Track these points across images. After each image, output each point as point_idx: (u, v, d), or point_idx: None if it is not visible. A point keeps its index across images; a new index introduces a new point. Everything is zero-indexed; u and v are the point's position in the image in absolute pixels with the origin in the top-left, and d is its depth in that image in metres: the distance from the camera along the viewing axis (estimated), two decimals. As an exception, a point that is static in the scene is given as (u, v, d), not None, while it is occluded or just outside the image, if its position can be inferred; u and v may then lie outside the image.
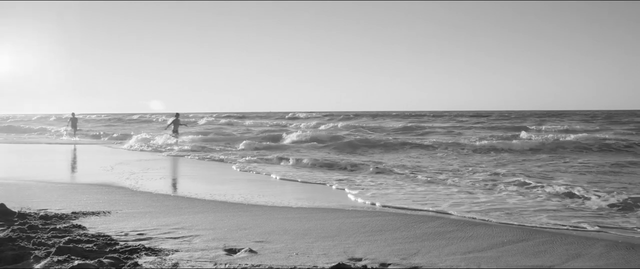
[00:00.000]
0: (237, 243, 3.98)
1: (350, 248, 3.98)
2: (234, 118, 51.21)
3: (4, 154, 15.03)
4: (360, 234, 4.50)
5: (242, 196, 6.72)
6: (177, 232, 4.36)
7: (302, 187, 8.08)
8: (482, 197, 6.71)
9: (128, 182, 8.01)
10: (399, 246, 4.10)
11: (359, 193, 7.08)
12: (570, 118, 41.24)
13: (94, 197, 6.22)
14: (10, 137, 26.10)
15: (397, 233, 4.62)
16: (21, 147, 18.54)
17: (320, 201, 6.49)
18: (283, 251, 3.81)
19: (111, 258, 3.33)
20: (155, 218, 5.00)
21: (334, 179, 8.63)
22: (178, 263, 3.30)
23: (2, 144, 20.60)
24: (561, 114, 56.85)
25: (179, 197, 6.54)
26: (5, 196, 6.08)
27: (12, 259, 3.27)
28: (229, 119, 47.30)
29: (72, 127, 24.29)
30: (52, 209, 5.29)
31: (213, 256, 3.55)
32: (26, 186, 7.18)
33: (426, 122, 35.26)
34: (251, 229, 4.58)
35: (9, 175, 8.72)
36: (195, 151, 15.41)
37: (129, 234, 4.23)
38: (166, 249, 3.70)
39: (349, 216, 5.36)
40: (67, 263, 3.16)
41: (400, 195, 6.98)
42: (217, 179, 9.25)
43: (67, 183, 7.72)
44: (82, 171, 10.20)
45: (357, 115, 54.40)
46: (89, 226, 4.49)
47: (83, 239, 3.85)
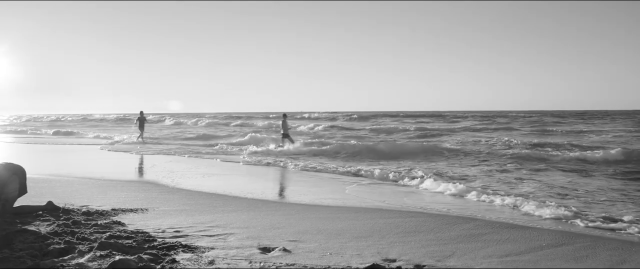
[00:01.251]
0: (271, 242, 4.01)
1: (384, 249, 3.96)
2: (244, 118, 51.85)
3: (53, 153, 15.63)
4: (393, 235, 4.47)
5: (276, 195, 6.78)
6: (212, 230, 4.44)
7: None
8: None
9: (164, 180, 8.21)
10: (434, 248, 4.05)
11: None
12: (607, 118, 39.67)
13: (132, 195, 6.40)
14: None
15: (431, 234, 4.56)
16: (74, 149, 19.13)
17: (353, 201, 6.47)
18: (316, 250, 3.83)
19: (150, 254, 3.42)
20: (191, 215, 5.10)
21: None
22: (214, 261, 3.36)
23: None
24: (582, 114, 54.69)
25: (214, 195, 6.64)
26: (51, 192, 6.34)
27: (58, 252, 3.40)
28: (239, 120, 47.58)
29: (140, 129, 20.57)
30: (93, 205, 5.47)
31: (248, 255, 3.59)
32: (69, 183, 7.46)
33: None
34: (284, 228, 4.62)
35: (53, 172, 9.07)
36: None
37: (165, 231, 4.33)
38: (202, 247, 3.77)
39: (382, 217, 5.33)
40: (109, 257, 3.27)
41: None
42: (256, 178, 9.36)
43: (106, 180, 7.97)
44: (121, 169, 10.50)
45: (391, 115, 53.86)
46: (128, 222, 4.62)
47: (123, 235, 3.97)
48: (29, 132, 31.27)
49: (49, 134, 29.71)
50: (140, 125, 20.49)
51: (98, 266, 3.10)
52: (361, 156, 13.77)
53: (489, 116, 45.82)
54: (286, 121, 16.92)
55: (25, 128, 36.73)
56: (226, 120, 47.38)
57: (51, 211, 4.93)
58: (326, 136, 24.86)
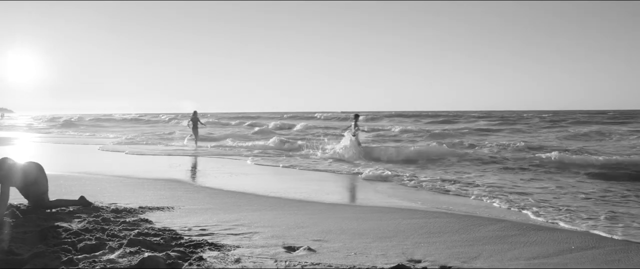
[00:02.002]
0: (296, 241, 4.04)
1: (408, 249, 3.94)
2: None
3: (90, 153, 16.03)
4: (418, 236, 4.44)
5: (300, 195, 6.81)
6: (237, 228, 4.49)
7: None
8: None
9: (189, 179, 8.33)
10: (459, 249, 4.01)
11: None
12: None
13: (158, 193, 6.52)
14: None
15: (456, 235, 4.51)
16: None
17: (376, 201, 6.45)
18: (341, 250, 3.83)
19: (178, 252, 3.48)
20: (216, 214, 5.17)
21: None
22: (240, 259, 3.40)
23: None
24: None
25: (238, 194, 6.71)
26: (80, 189, 6.50)
27: (90, 248, 3.50)
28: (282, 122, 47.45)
29: (193, 130, 18.16)
30: (121, 203, 5.59)
31: (273, 253, 3.63)
32: (97, 181, 7.64)
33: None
34: (308, 227, 4.64)
35: (84, 170, 9.30)
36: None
37: (192, 229, 4.40)
38: (228, 245, 3.82)
39: (406, 217, 5.30)
40: (139, 254, 3.34)
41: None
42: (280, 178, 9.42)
43: (133, 178, 8.13)
44: (147, 168, 10.70)
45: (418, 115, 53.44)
46: (155, 220, 4.71)
47: (151, 233, 4.05)
48: (70, 133, 31.88)
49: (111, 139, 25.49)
50: (193, 126, 18.08)
51: (128, 263, 3.17)
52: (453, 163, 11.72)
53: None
54: (357, 122, 14.97)
55: (66, 128, 37.67)
56: (255, 120, 45.97)
57: (83, 205, 5.08)
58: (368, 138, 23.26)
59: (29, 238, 3.66)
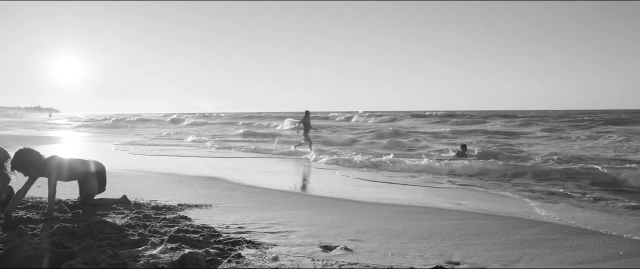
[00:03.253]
0: (332, 241, 4.05)
1: (446, 251, 3.88)
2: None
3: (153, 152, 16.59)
4: (456, 237, 4.37)
5: (335, 194, 6.82)
6: (273, 227, 4.54)
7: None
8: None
9: (227, 177, 8.48)
10: (499, 252, 3.92)
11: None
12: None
13: (196, 191, 6.66)
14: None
15: (495, 237, 4.41)
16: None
17: (411, 201, 6.39)
18: (378, 250, 3.82)
19: (216, 249, 3.55)
20: (253, 212, 5.24)
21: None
22: (278, 257, 3.43)
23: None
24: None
25: (273, 193, 6.78)
26: (122, 186, 6.73)
27: (133, 243, 3.62)
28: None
29: (304, 133, 15.51)
30: (161, 200, 5.74)
31: (310, 252, 3.65)
32: (139, 178, 7.89)
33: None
34: (345, 227, 4.64)
35: (124, 168, 9.62)
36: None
37: (229, 227, 4.48)
38: (265, 243, 3.86)
39: (443, 218, 5.22)
40: (179, 250, 3.42)
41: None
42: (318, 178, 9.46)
43: (172, 176, 8.34)
44: (186, 166, 10.96)
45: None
46: (194, 217, 4.82)
47: (190, 230, 4.14)
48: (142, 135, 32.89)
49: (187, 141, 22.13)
50: (305, 127, 15.50)
51: (169, 258, 3.26)
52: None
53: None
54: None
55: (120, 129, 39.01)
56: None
57: (124, 204, 5.26)
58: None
59: (77, 232, 3.82)
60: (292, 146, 15.68)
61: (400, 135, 23.63)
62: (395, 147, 17.86)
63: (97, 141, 21.05)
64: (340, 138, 22.12)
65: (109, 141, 21.42)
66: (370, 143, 20.39)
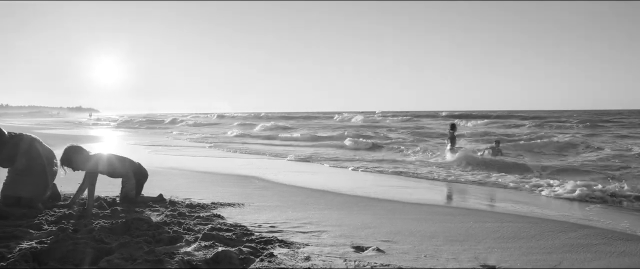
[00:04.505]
0: (364, 241, 4.02)
1: (481, 254, 3.79)
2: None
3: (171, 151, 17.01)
4: (490, 240, 4.27)
5: (367, 194, 6.78)
6: (305, 227, 4.54)
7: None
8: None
9: (260, 176, 8.56)
10: (536, 257, 3.80)
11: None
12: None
13: (229, 190, 6.76)
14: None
15: (533, 241, 4.28)
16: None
17: (443, 201, 6.29)
18: (410, 252, 3.77)
19: (249, 247, 3.58)
20: (284, 212, 5.27)
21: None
22: (310, 257, 3.43)
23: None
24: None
25: (305, 193, 6.80)
26: (157, 184, 6.89)
27: (168, 240, 3.69)
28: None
29: (451, 146, 13.79)
30: (194, 198, 5.85)
31: (342, 253, 3.63)
32: (173, 176, 8.06)
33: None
34: (376, 228, 4.60)
35: (162, 166, 9.86)
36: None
37: (262, 225, 4.51)
38: (297, 243, 3.87)
39: (477, 220, 5.11)
40: (213, 248, 3.47)
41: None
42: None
43: (206, 175, 8.49)
44: (220, 165, 11.14)
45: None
46: (227, 216, 4.88)
47: (223, 228, 4.20)
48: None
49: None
50: (452, 141, 13.93)
51: (203, 256, 3.31)
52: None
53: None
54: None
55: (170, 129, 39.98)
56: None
57: (160, 202, 5.38)
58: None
59: (115, 229, 3.93)
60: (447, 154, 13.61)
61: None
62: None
63: (134, 140, 21.66)
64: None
65: (146, 140, 22.01)
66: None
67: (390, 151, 15.82)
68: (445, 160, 12.23)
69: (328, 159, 12.57)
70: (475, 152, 13.03)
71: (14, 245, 3.36)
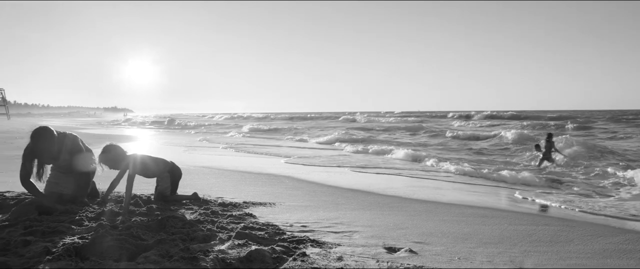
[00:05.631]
0: (396, 242, 3.99)
1: (516, 258, 3.71)
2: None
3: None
4: (526, 244, 4.16)
5: (398, 193, 6.73)
6: (336, 227, 4.54)
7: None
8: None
9: (290, 175, 8.62)
10: (575, 261, 3.69)
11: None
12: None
13: (260, 189, 6.83)
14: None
15: (571, 245, 4.16)
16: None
17: (477, 202, 6.17)
18: (444, 254, 3.72)
19: (282, 246, 3.61)
20: (315, 212, 5.29)
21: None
22: (342, 257, 3.43)
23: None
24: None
25: (336, 193, 6.80)
26: (190, 183, 7.03)
27: (202, 238, 3.76)
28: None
29: (547, 155, 12.69)
30: (227, 197, 5.93)
31: (374, 253, 3.62)
32: (205, 175, 8.21)
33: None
34: (408, 229, 4.56)
35: (202, 165, 10.05)
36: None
37: (293, 225, 4.54)
38: (329, 243, 3.88)
39: (512, 223, 4.99)
40: (246, 246, 3.52)
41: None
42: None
43: (237, 173, 8.60)
44: (248, 162, 11.27)
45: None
46: (258, 215, 4.93)
47: (255, 227, 4.25)
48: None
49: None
50: (546, 148, 12.77)
51: (237, 254, 3.35)
52: None
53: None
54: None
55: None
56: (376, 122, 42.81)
57: (194, 200, 5.49)
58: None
59: (151, 226, 4.03)
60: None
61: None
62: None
63: (165, 139, 22.15)
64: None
65: (177, 139, 22.48)
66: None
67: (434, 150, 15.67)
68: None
69: (360, 159, 12.54)
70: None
71: (58, 240, 3.49)
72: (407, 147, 16.37)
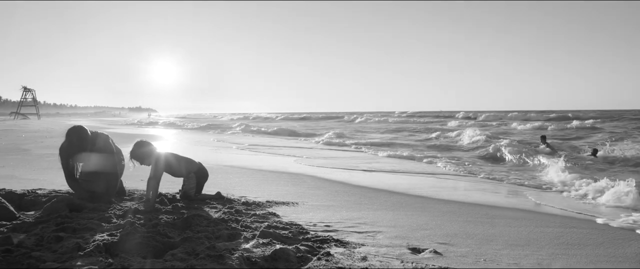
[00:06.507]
0: (420, 243, 3.96)
1: (544, 261, 3.64)
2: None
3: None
4: (554, 246, 4.08)
5: (422, 193, 6.68)
6: (360, 227, 4.54)
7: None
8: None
9: (312, 174, 8.64)
10: (605, 265, 3.60)
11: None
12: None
13: (282, 189, 6.87)
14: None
15: (601, 249, 4.06)
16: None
17: (502, 203, 6.07)
18: (469, 255, 3.68)
19: (306, 246, 3.63)
20: (338, 211, 5.29)
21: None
22: (366, 257, 3.43)
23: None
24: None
25: (359, 192, 6.79)
26: (213, 182, 7.12)
27: (227, 237, 3.81)
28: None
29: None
30: (250, 196, 5.99)
31: (398, 254, 3.60)
32: (227, 174, 8.30)
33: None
34: (432, 229, 4.53)
35: (220, 163, 10.18)
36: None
37: (316, 224, 4.55)
38: (353, 242, 3.88)
39: (539, 225, 4.90)
40: (271, 245, 3.55)
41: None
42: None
43: (260, 172, 8.67)
44: (270, 161, 11.35)
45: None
46: (282, 214, 4.96)
47: (279, 226, 4.28)
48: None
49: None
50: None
51: (262, 253, 3.39)
52: None
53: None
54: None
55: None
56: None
57: (217, 199, 5.56)
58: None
59: (177, 224, 4.10)
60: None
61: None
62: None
63: (189, 138, 22.47)
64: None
65: (201, 138, 22.77)
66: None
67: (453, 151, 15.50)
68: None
69: (382, 160, 12.49)
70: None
71: (89, 236, 3.59)
72: (429, 149, 16.24)
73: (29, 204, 4.91)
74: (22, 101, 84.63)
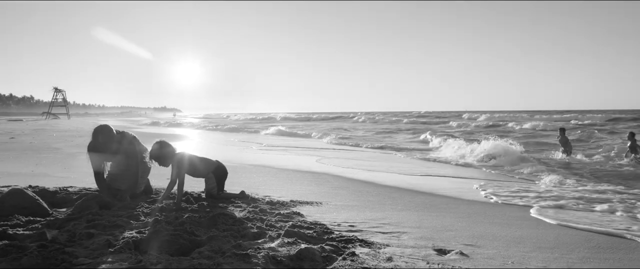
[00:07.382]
0: (446, 244, 3.92)
1: (574, 264, 3.56)
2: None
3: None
4: (584, 250, 3.98)
5: (446, 193, 6.61)
6: (384, 227, 4.52)
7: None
8: None
9: (335, 174, 8.64)
10: (640, 269, 3.49)
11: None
12: None
13: (306, 188, 6.89)
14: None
15: (635, 253, 3.94)
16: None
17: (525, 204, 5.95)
18: (496, 257, 3.62)
19: (331, 245, 3.63)
20: (362, 211, 5.27)
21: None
22: (392, 258, 3.41)
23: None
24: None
25: (382, 192, 6.76)
26: (236, 181, 7.19)
27: (252, 236, 3.84)
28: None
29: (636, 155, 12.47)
30: (274, 196, 6.02)
31: (424, 255, 3.57)
32: (250, 174, 8.37)
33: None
34: (458, 231, 4.47)
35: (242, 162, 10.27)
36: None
37: (341, 224, 4.55)
38: (377, 243, 3.86)
39: (567, 227, 4.79)
40: (296, 245, 3.56)
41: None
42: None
43: (283, 171, 8.72)
44: (294, 160, 11.40)
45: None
46: (306, 214, 4.97)
47: (304, 226, 4.28)
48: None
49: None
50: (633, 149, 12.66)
51: (287, 252, 3.40)
52: None
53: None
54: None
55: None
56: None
57: (241, 198, 5.61)
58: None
59: (203, 222, 4.16)
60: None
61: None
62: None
63: (212, 138, 22.75)
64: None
65: (224, 137, 23.03)
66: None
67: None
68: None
69: (402, 159, 12.41)
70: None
71: (118, 233, 3.67)
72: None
73: (60, 201, 5.05)
74: (53, 101, 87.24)
